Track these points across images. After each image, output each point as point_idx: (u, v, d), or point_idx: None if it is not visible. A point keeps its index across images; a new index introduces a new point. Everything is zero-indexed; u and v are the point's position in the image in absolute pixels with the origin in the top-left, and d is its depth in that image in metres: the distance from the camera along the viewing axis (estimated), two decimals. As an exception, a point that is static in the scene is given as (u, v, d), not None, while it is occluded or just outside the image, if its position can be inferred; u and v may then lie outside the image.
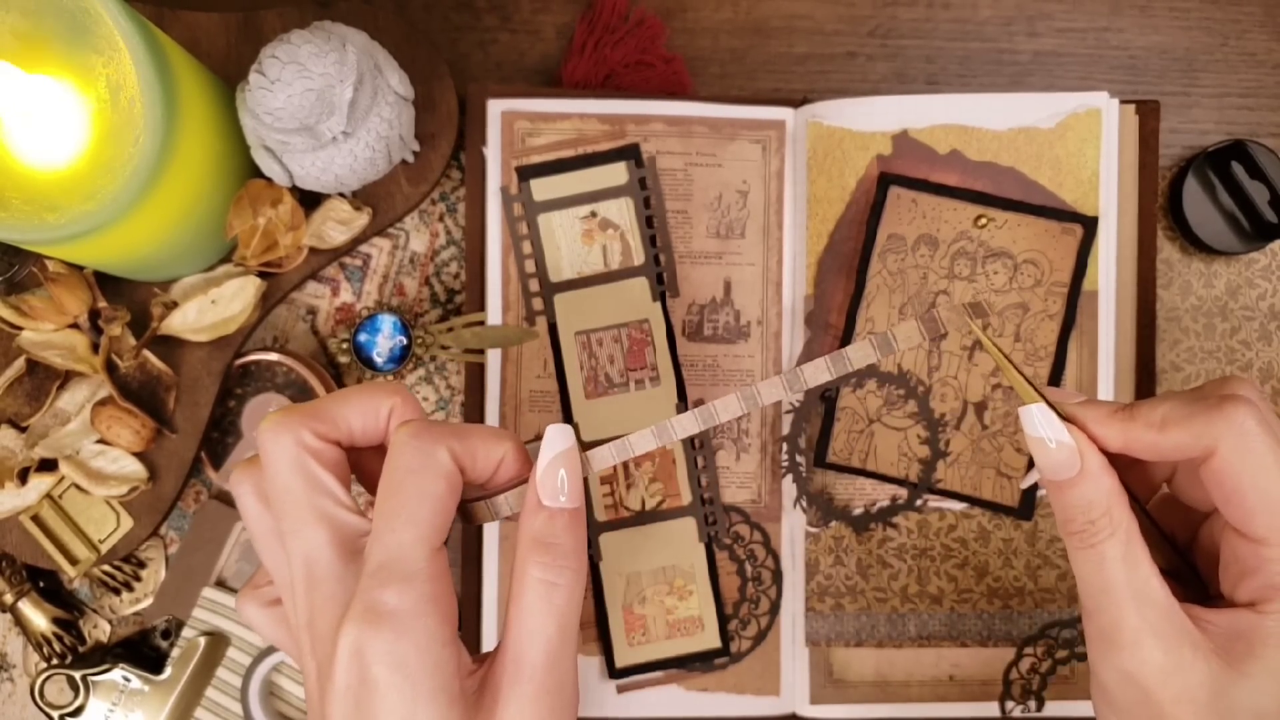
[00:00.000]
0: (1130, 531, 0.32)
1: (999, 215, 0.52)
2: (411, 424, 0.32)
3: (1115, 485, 0.32)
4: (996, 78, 0.57)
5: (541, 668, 0.31)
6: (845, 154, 0.52)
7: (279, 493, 0.32)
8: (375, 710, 0.29)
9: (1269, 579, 0.31)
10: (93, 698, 0.53)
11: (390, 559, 0.30)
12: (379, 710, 0.29)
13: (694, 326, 0.53)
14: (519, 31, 0.57)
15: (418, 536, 0.30)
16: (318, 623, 0.31)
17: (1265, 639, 0.31)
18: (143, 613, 0.55)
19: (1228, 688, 0.31)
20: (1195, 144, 0.56)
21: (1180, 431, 0.31)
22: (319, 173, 0.48)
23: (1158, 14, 0.57)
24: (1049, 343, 0.52)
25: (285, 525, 0.32)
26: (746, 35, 0.56)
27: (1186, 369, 0.55)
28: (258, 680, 0.51)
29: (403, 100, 0.49)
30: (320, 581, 0.31)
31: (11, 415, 0.51)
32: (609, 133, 0.52)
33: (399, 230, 0.55)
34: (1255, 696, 0.31)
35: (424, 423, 0.32)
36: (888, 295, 0.52)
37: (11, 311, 0.49)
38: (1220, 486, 0.31)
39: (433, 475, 0.31)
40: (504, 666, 0.31)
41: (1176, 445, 0.31)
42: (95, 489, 0.50)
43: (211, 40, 0.51)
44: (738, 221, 0.53)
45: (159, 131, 0.41)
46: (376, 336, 0.53)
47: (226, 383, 0.52)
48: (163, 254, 0.48)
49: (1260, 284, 0.55)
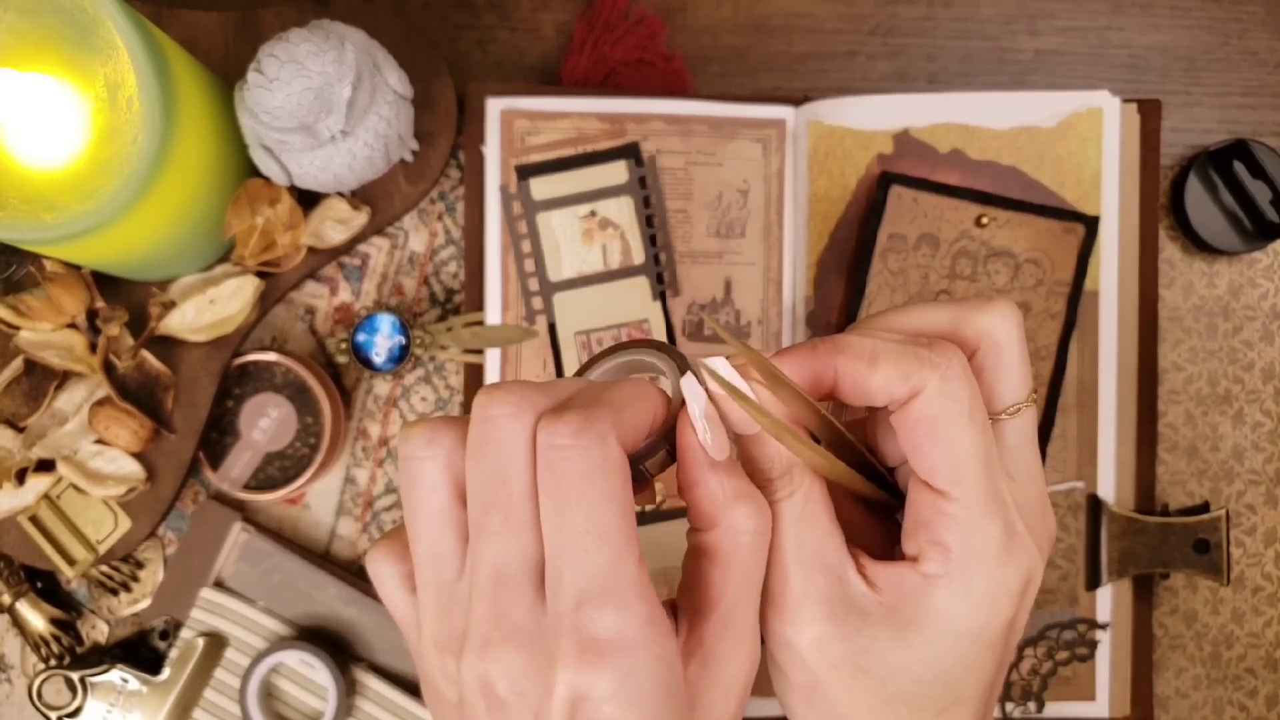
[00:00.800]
0: (810, 492, 0.29)
1: (1000, 215, 0.52)
2: (565, 417, 0.26)
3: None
4: (998, 76, 0.56)
5: None
6: (846, 153, 0.52)
7: (494, 479, 0.26)
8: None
9: (935, 534, 0.29)
10: (91, 699, 0.52)
11: (593, 585, 0.25)
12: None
13: (694, 326, 0.53)
14: (518, 30, 0.56)
15: (616, 553, 0.25)
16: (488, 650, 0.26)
17: (930, 610, 0.29)
18: (141, 613, 0.54)
19: (887, 654, 0.29)
20: (1197, 143, 0.56)
21: (890, 369, 0.28)
22: (317, 172, 0.48)
23: (1159, 13, 0.57)
24: (1050, 342, 0.52)
25: (488, 521, 0.26)
26: (747, 33, 0.56)
27: (1189, 369, 0.55)
28: (256, 681, 0.51)
29: (401, 99, 0.49)
30: (505, 601, 0.26)
31: (9, 415, 0.51)
32: (609, 131, 0.52)
33: (398, 229, 0.55)
34: (913, 665, 0.29)
35: (581, 415, 0.26)
36: (889, 295, 0.52)
37: (9, 311, 0.49)
38: (911, 431, 0.29)
39: (607, 476, 0.26)
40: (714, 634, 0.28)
41: (884, 383, 0.28)
42: (93, 489, 0.50)
43: (210, 39, 0.51)
44: (738, 221, 0.53)
45: (157, 131, 0.40)
46: (375, 336, 0.53)
47: (225, 383, 0.52)
48: (161, 254, 0.48)
49: (1262, 283, 0.55)
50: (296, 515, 0.55)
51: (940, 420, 0.28)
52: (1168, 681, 0.55)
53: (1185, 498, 0.55)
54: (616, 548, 0.26)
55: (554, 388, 0.28)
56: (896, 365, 0.29)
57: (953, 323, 0.31)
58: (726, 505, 0.28)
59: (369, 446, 0.55)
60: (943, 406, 0.28)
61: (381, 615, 0.53)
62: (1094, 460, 0.52)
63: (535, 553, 0.26)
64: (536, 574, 0.26)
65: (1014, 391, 0.31)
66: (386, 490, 0.55)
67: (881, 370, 0.29)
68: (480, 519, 0.27)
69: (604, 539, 0.25)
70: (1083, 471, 0.52)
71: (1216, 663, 0.55)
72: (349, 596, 0.53)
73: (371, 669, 0.53)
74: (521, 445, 0.26)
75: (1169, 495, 0.55)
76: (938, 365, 0.28)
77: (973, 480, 0.28)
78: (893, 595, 0.29)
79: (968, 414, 0.28)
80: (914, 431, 0.29)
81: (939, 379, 0.28)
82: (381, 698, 0.52)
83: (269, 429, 0.52)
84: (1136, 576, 0.52)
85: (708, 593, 0.28)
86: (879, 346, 0.29)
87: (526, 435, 0.26)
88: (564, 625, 0.25)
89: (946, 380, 0.28)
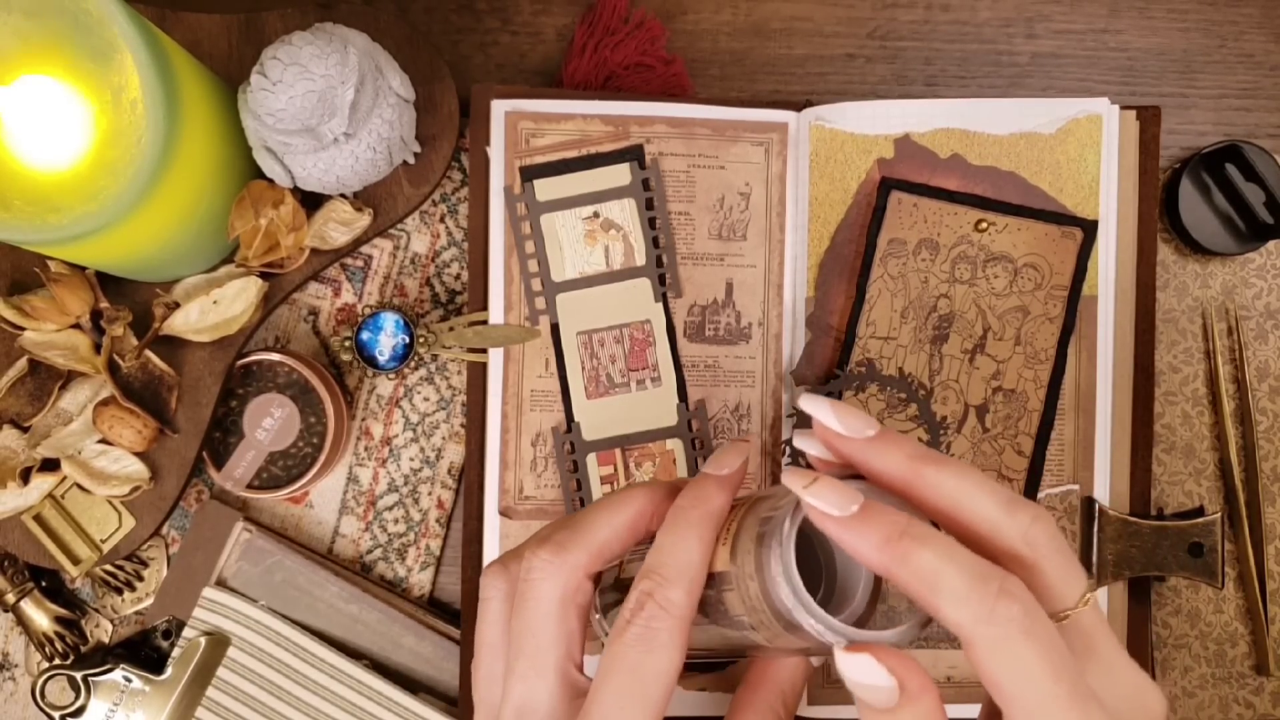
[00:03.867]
0: None
1: (1000, 219, 0.52)
2: (539, 553, 0.32)
3: (934, 701, 0.28)
4: (995, 79, 0.57)
5: None
6: (847, 157, 0.53)
7: (524, 629, 0.32)
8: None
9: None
10: (94, 698, 0.53)
11: (524, 705, 0.31)
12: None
13: (695, 327, 0.53)
14: (520, 33, 0.57)
15: (542, 682, 0.31)
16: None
17: None
18: (144, 612, 0.55)
19: None
20: (1193, 145, 0.56)
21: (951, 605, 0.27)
22: (320, 174, 0.48)
23: (1156, 16, 0.57)
24: (1049, 346, 0.52)
25: (517, 664, 0.32)
26: (746, 37, 0.57)
27: (1184, 370, 0.56)
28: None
29: (404, 102, 0.49)
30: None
31: (14, 415, 0.51)
32: (612, 134, 0.53)
33: (400, 231, 0.55)
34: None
35: (551, 545, 0.32)
36: (889, 299, 0.53)
37: (14, 312, 0.49)
38: (984, 677, 0.28)
39: (551, 612, 0.32)
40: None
41: (949, 620, 0.28)
42: (97, 489, 0.50)
43: (213, 42, 0.51)
44: (739, 223, 0.53)
45: (161, 133, 0.41)
46: (379, 335, 0.53)
47: (228, 383, 0.52)
48: (165, 255, 0.48)
49: (1256, 283, 0.56)
50: (300, 514, 0.55)
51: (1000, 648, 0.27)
52: (1174, 681, 0.55)
53: (1184, 498, 0.55)
54: (550, 680, 0.32)
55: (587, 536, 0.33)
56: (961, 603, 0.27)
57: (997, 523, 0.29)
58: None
59: (372, 446, 0.55)
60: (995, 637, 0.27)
61: (381, 613, 0.54)
62: (1090, 463, 0.52)
63: (558, 693, 0.31)
64: (562, 709, 0.31)
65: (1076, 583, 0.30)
66: (389, 489, 0.55)
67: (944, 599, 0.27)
68: (512, 661, 0.32)
69: (538, 671, 0.32)
70: (1079, 475, 0.52)
71: (1221, 661, 0.55)
72: (350, 595, 0.54)
73: (372, 668, 0.53)
74: (551, 603, 0.32)
75: (1167, 496, 0.55)
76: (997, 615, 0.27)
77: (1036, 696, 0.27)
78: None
79: (1025, 632, 0.27)
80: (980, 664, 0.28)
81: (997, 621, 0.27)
82: (381, 696, 0.53)
83: (272, 429, 0.52)
84: (1132, 579, 0.53)
85: None
86: (944, 573, 0.27)
87: (556, 594, 0.32)
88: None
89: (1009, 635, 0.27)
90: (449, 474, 0.55)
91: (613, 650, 0.30)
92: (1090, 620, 0.30)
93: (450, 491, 0.55)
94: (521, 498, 0.53)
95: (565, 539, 0.33)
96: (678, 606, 0.30)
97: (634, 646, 0.29)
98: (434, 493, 0.55)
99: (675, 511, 0.32)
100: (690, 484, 0.32)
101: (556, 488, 0.53)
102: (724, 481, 0.32)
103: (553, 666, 0.31)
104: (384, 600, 0.54)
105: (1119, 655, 0.30)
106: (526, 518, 0.53)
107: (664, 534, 0.31)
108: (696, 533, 0.31)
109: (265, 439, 0.52)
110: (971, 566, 0.27)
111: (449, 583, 0.56)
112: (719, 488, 0.32)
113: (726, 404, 0.53)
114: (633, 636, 0.30)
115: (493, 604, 0.33)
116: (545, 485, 0.53)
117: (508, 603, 0.33)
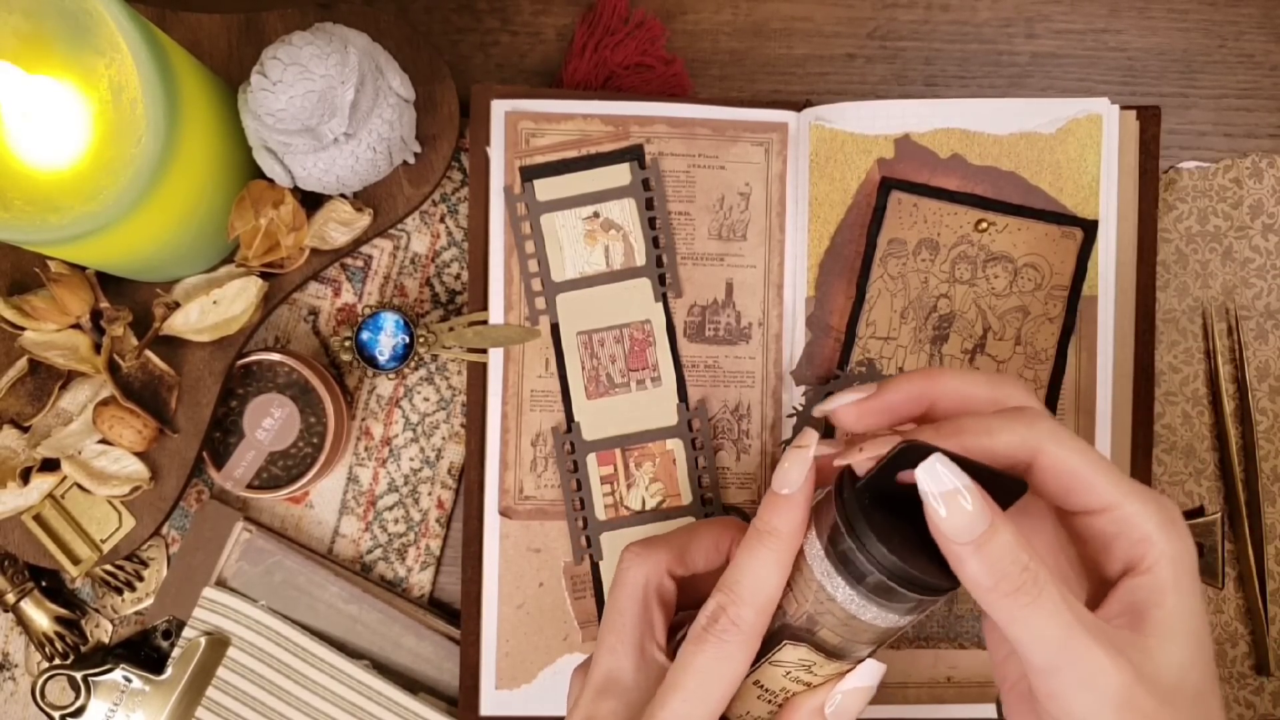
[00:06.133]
0: (1048, 569, 0.31)
1: (1000, 219, 0.52)
2: (631, 547, 0.39)
3: (1015, 525, 0.32)
4: (995, 79, 0.57)
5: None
6: (847, 157, 0.53)
7: (614, 609, 0.38)
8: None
9: (1131, 532, 0.32)
10: (94, 698, 0.53)
11: (609, 673, 0.37)
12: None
13: (695, 327, 0.53)
14: (520, 33, 0.57)
15: (627, 656, 0.37)
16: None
17: (1154, 605, 0.32)
18: (144, 612, 0.55)
19: (1146, 674, 0.31)
20: (1193, 145, 0.56)
21: (1008, 435, 0.33)
22: (321, 174, 0.48)
23: (1156, 16, 0.57)
24: (1049, 346, 0.52)
25: (606, 639, 0.37)
26: (746, 37, 0.57)
27: (1184, 370, 0.56)
28: None
29: (404, 102, 0.49)
30: (608, 695, 0.36)
31: (14, 415, 0.51)
32: (612, 134, 0.53)
33: (400, 231, 0.55)
34: (1169, 668, 0.31)
35: (642, 543, 0.39)
36: (889, 299, 0.53)
37: (14, 312, 0.49)
38: (1058, 477, 0.33)
39: (636, 594, 0.38)
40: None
41: (1008, 448, 0.33)
42: (97, 489, 0.50)
43: (213, 41, 0.51)
44: (740, 223, 0.53)
45: (161, 132, 0.41)
46: (379, 334, 0.53)
47: (228, 383, 0.52)
48: (165, 255, 0.48)
49: (1256, 283, 0.56)
50: (300, 514, 0.55)
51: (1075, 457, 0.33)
52: (1165, 680, 0.55)
53: (1184, 498, 0.55)
54: (630, 652, 0.38)
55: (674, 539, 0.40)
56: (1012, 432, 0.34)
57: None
58: None
59: (372, 446, 0.55)
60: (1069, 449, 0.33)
61: (381, 614, 0.54)
62: (1091, 462, 0.52)
63: (636, 665, 0.37)
64: (639, 680, 0.36)
65: None
66: (389, 489, 0.55)
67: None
68: (603, 635, 0.38)
69: (621, 643, 0.38)
70: (1080, 473, 0.52)
71: (1221, 661, 0.55)
72: (350, 595, 0.54)
73: (372, 668, 0.53)
74: (636, 587, 0.38)
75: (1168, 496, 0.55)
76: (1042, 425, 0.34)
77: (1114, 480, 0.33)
78: (1124, 616, 0.33)
79: (1086, 447, 0.34)
80: (1060, 477, 0.33)
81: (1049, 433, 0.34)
82: (381, 696, 0.53)
83: (272, 429, 0.52)
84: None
85: None
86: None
87: (640, 580, 0.38)
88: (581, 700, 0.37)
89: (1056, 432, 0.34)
90: (449, 474, 0.55)
91: (688, 649, 0.34)
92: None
93: (450, 491, 0.55)
94: (521, 498, 0.53)
95: (654, 540, 0.39)
96: (747, 624, 0.34)
97: (705, 652, 0.34)
98: (434, 493, 0.55)
99: (751, 531, 0.35)
100: (763, 504, 0.35)
101: (556, 488, 0.53)
102: (789, 502, 0.34)
103: (635, 643, 0.37)
104: (384, 600, 0.54)
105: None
106: (526, 518, 0.53)
107: (740, 552, 0.35)
108: (768, 554, 0.34)
109: (265, 439, 0.52)
110: None
111: (449, 583, 0.56)
112: (786, 508, 0.34)
113: (726, 404, 0.53)
114: (706, 643, 0.34)
115: (637, 586, 0.39)
116: (545, 485, 0.53)
117: (649, 589, 0.39)
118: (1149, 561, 0.32)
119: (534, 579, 0.53)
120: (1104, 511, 0.33)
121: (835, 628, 0.33)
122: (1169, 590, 0.32)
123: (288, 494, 0.52)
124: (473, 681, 0.52)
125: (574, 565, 0.53)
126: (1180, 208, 0.56)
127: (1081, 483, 0.33)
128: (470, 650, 0.53)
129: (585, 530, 0.53)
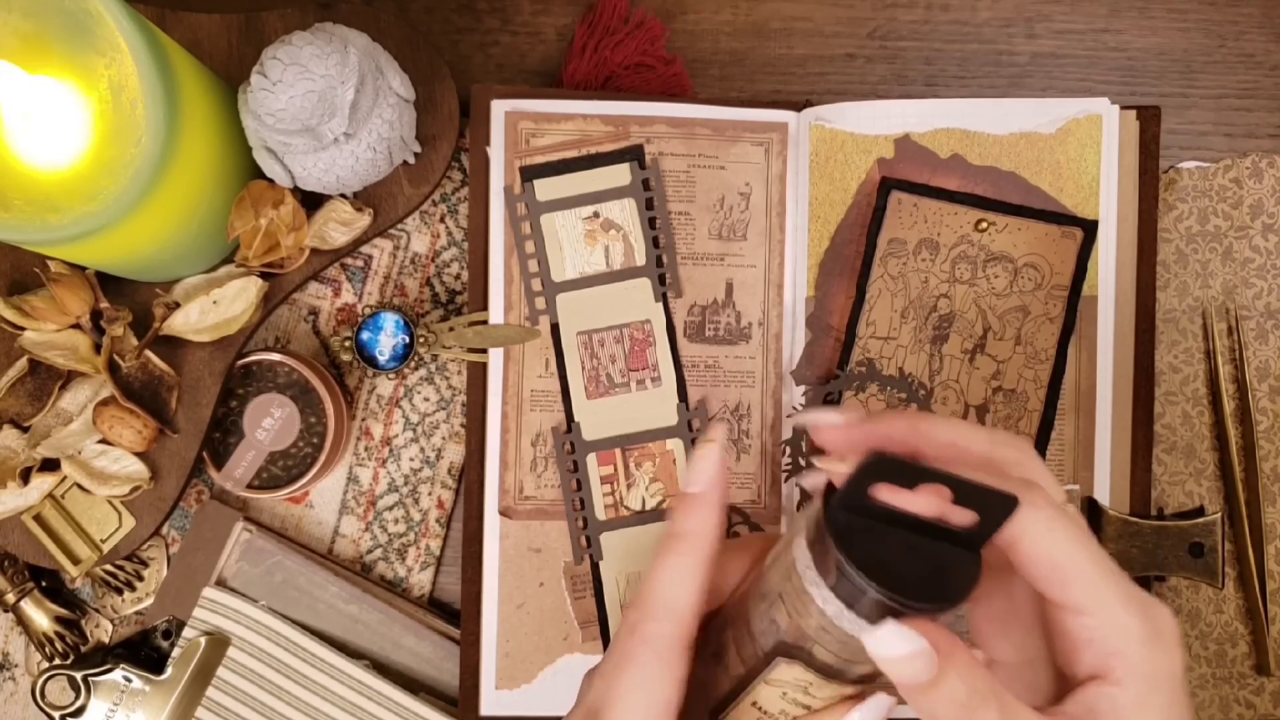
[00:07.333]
0: (997, 693, 0.29)
1: (1000, 219, 0.52)
2: (636, 604, 0.31)
3: (970, 657, 0.29)
4: (995, 79, 0.57)
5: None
6: (847, 157, 0.53)
7: (617, 655, 0.31)
8: None
9: (1103, 644, 0.30)
10: (94, 698, 0.53)
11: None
12: None
13: (695, 327, 0.53)
14: (520, 33, 0.57)
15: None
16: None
17: (1113, 711, 0.30)
18: (144, 612, 0.55)
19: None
20: (1193, 145, 0.56)
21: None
22: (321, 174, 0.48)
23: (1156, 16, 0.57)
24: (1049, 346, 0.52)
25: (621, 678, 0.31)
26: (746, 37, 0.57)
27: (1184, 370, 0.56)
28: None
29: (404, 102, 0.49)
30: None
31: (14, 415, 0.51)
32: (612, 134, 0.53)
33: (400, 231, 0.55)
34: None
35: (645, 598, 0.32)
36: (889, 299, 0.53)
37: (14, 312, 0.49)
38: (1035, 565, 0.30)
39: (650, 666, 0.30)
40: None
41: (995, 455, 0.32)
42: (97, 489, 0.50)
43: (213, 41, 0.51)
44: (740, 223, 0.53)
45: (161, 133, 0.41)
46: (379, 334, 0.53)
47: (228, 383, 0.52)
48: (165, 255, 0.48)
49: (1256, 283, 0.56)
50: (300, 514, 0.55)
51: (1057, 550, 0.30)
52: (1169, 680, 0.55)
53: (1184, 498, 0.55)
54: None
55: None
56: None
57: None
58: None
59: (372, 446, 0.55)
60: (1053, 537, 0.30)
61: (382, 614, 0.54)
62: (1091, 464, 0.52)
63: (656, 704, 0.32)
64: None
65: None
66: (389, 489, 0.55)
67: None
68: (609, 674, 0.32)
69: (631, 710, 0.32)
70: (1079, 475, 0.52)
71: (1222, 661, 0.55)
72: (350, 595, 0.54)
73: (372, 668, 0.53)
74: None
75: (1168, 496, 0.55)
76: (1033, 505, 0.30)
77: (1098, 582, 0.31)
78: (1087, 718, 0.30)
79: (1077, 537, 0.31)
80: (1037, 565, 0.31)
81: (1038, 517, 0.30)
82: (381, 696, 0.53)
83: (272, 429, 0.52)
84: (1132, 580, 0.53)
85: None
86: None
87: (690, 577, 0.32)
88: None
89: (1046, 516, 0.30)
90: (449, 474, 0.55)
91: (607, 676, 0.31)
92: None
93: (450, 491, 0.55)
94: (521, 498, 0.53)
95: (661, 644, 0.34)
96: (663, 639, 0.30)
97: (624, 681, 0.30)
98: (434, 493, 0.55)
99: (664, 535, 0.31)
100: (674, 505, 0.32)
101: (556, 488, 0.53)
102: (699, 501, 0.31)
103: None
104: (384, 600, 0.54)
105: None
106: (526, 518, 0.53)
107: (653, 561, 0.31)
108: (678, 560, 0.31)
109: (265, 439, 0.52)
110: None
111: (449, 583, 0.56)
112: (696, 508, 0.31)
113: (726, 404, 0.53)
114: (623, 668, 0.30)
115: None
116: (545, 485, 0.53)
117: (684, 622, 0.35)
118: (1118, 675, 0.30)
119: (534, 579, 0.53)
120: (1079, 614, 0.31)
121: (829, 644, 0.32)
122: (1133, 709, 0.30)
123: (288, 494, 0.52)
124: (473, 681, 0.52)
125: (574, 565, 0.53)
126: (1180, 208, 0.56)
127: (1062, 577, 0.30)
128: (470, 650, 0.53)
129: (585, 530, 0.53)
